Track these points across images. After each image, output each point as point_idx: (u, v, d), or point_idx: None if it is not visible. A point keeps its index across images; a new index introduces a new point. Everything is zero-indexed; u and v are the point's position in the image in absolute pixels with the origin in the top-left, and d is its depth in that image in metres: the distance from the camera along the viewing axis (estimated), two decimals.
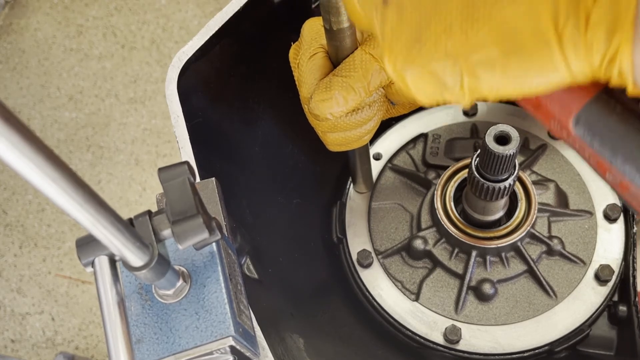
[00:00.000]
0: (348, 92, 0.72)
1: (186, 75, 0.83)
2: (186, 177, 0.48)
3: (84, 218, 0.40)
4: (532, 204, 0.93)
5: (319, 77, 0.74)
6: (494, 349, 0.93)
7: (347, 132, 0.78)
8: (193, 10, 2.16)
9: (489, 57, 0.40)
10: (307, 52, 0.75)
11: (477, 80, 0.42)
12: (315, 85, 0.74)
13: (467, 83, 0.42)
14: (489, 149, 0.76)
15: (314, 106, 0.73)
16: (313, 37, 0.76)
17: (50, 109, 2.06)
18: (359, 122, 0.77)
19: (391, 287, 0.98)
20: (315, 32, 0.76)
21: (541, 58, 0.39)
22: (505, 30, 0.39)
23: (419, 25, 0.43)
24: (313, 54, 0.75)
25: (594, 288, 0.95)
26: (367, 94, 0.73)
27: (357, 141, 0.80)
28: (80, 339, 1.74)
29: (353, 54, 0.73)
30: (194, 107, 0.85)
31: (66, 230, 1.89)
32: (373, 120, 0.78)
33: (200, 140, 0.81)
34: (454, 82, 0.42)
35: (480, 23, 0.40)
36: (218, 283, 0.54)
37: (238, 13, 0.87)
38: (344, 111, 0.73)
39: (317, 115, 0.74)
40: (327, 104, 0.72)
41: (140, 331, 0.54)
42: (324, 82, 0.73)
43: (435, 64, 0.42)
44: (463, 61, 0.41)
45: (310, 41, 0.76)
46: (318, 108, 0.73)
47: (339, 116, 0.74)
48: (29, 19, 2.21)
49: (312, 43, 0.76)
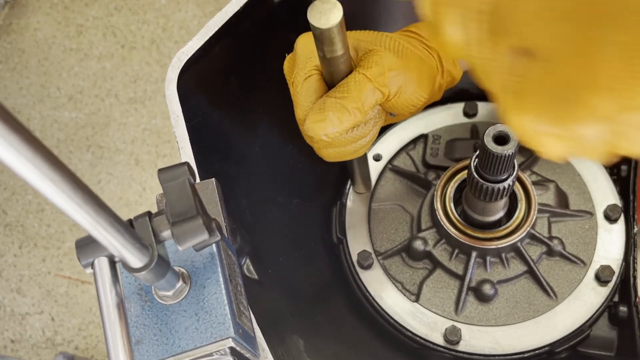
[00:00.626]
0: (342, 113, 0.71)
1: (186, 75, 0.83)
2: (186, 178, 0.48)
3: (83, 219, 0.40)
4: (532, 204, 0.93)
5: (314, 99, 0.74)
6: (494, 350, 0.93)
7: (343, 148, 0.77)
8: (193, 10, 2.16)
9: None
10: (301, 73, 0.75)
11: (628, 142, 0.38)
12: (309, 108, 0.73)
13: (613, 144, 0.38)
14: (487, 149, 0.76)
15: (308, 127, 0.72)
16: (307, 57, 0.75)
17: (50, 109, 2.06)
18: (354, 138, 0.76)
19: (391, 288, 0.98)
20: (309, 51, 0.75)
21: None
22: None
23: (568, 83, 0.38)
24: (308, 75, 0.74)
25: (594, 289, 0.95)
26: (362, 114, 0.73)
27: (353, 154, 0.80)
28: (80, 339, 1.74)
29: (347, 75, 0.73)
30: (194, 107, 0.85)
31: (66, 231, 1.88)
32: (369, 135, 0.78)
33: (200, 140, 0.81)
34: (596, 143, 0.38)
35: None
36: (218, 284, 0.54)
37: (238, 13, 0.87)
38: (339, 132, 0.73)
39: (311, 137, 0.74)
40: (321, 125, 0.72)
41: (139, 332, 0.54)
42: (318, 103, 0.73)
43: (581, 125, 0.38)
44: (617, 123, 0.37)
45: (304, 61, 0.75)
46: (312, 130, 0.72)
47: (334, 137, 0.73)
48: (29, 19, 2.21)
49: (306, 63, 0.75)
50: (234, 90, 0.93)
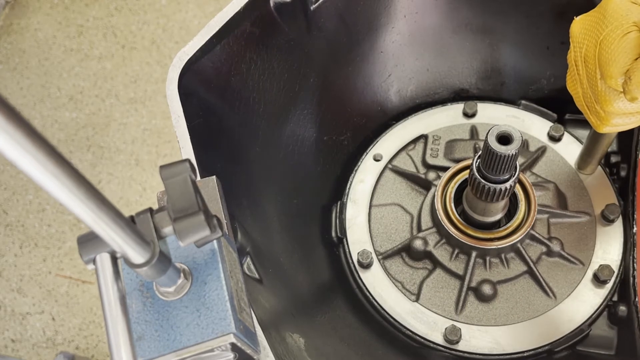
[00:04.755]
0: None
1: (187, 75, 0.84)
2: (187, 175, 0.48)
3: (85, 215, 0.40)
4: (532, 205, 0.93)
5: (633, 57, 0.71)
6: (494, 349, 0.93)
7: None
8: (193, 10, 2.16)
9: None
10: (617, 30, 0.73)
11: None
12: (631, 66, 0.71)
13: None
14: (491, 148, 0.76)
15: (635, 88, 0.70)
16: (623, 14, 0.73)
17: (50, 109, 2.06)
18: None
19: (391, 288, 0.98)
20: (624, 9, 0.73)
21: None
22: None
23: None
24: (627, 32, 0.72)
25: (593, 288, 0.95)
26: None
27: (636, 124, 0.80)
28: (80, 339, 1.74)
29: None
30: (195, 107, 0.85)
31: (66, 230, 1.89)
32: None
33: (201, 140, 0.81)
34: None
35: None
36: (219, 280, 0.54)
37: (238, 13, 0.87)
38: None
39: (635, 97, 0.72)
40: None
41: (141, 328, 0.54)
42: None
43: None
44: None
45: (619, 18, 0.73)
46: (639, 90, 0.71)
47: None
48: (30, 19, 2.21)
49: (622, 20, 0.73)
50: (234, 90, 0.93)
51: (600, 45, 0.75)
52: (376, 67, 1.11)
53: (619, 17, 0.73)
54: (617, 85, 0.73)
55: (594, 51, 0.76)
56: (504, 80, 1.14)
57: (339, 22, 1.02)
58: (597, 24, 0.76)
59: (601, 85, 0.76)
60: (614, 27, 0.73)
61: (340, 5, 1.00)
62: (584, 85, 0.79)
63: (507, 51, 1.12)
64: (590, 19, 0.78)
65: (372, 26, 1.06)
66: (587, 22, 0.78)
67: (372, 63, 1.10)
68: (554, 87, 1.10)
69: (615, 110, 0.77)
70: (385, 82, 1.13)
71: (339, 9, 1.00)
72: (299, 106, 1.04)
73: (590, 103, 0.80)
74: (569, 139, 1.07)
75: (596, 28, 0.76)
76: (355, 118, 1.12)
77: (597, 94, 0.77)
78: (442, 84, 1.15)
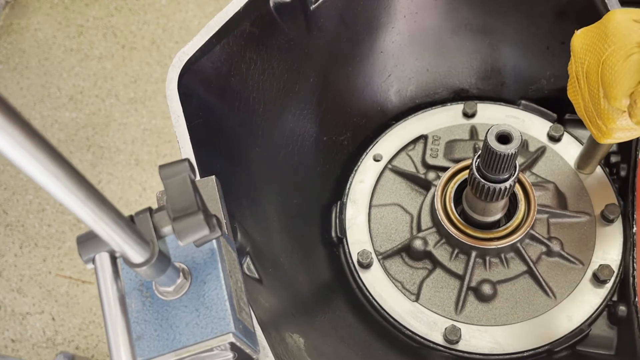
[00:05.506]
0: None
1: (186, 75, 0.84)
2: (187, 174, 0.48)
3: (85, 214, 0.40)
4: (531, 205, 0.94)
5: (638, 79, 0.71)
6: (494, 349, 0.93)
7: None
8: (193, 10, 2.16)
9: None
10: (621, 51, 0.72)
11: None
12: (636, 89, 0.71)
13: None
14: (490, 147, 0.76)
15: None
16: (625, 34, 0.72)
17: (50, 109, 2.06)
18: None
19: (391, 288, 0.98)
20: (627, 29, 0.72)
21: None
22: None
23: None
24: (630, 54, 0.71)
25: (593, 288, 0.95)
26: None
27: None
28: (80, 339, 1.74)
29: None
30: (194, 107, 0.85)
31: (66, 230, 1.89)
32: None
33: (201, 140, 0.81)
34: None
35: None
36: (218, 280, 0.54)
37: (238, 13, 0.87)
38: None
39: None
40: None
41: (140, 328, 0.54)
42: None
43: None
44: None
45: (622, 38, 0.72)
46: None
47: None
48: (30, 19, 2.21)
49: (625, 41, 0.72)
50: (234, 90, 0.93)
51: (603, 66, 0.74)
52: (376, 67, 1.11)
53: (622, 37, 0.73)
54: (621, 105, 0.73)
55: (596, 69, 0.75)
56: (504, 80, 1.14)
57: (339, 22, 1.02)
58: (599, 41, 0.75)
59: (604, 104, 0.76)
60: (617, 47, 0.72)
61: (340, 5, 1.00)
62: (586, 99, 0.79)
63: (507, 51, 1.12)
64: (592, 35, 0.77)
65: (372, 26, 1.06)
66: (588, 38, 0.77)
67: (372, 63, 1.10)
68: (554, 87, 1.10)
69: (617, 127, 0.77)
70: (385, 82, 1.13)
71: (339, 9, 1.00)
72: (299, 106, 1.04)
73: (592, 117, 0.80)
74: (569, 139, 1.07)
75: (598, 46, 0.75)
76: (355, 118, 1.12)
77: (599, 112, 0.77)
78: (442, 84, 1.15)
